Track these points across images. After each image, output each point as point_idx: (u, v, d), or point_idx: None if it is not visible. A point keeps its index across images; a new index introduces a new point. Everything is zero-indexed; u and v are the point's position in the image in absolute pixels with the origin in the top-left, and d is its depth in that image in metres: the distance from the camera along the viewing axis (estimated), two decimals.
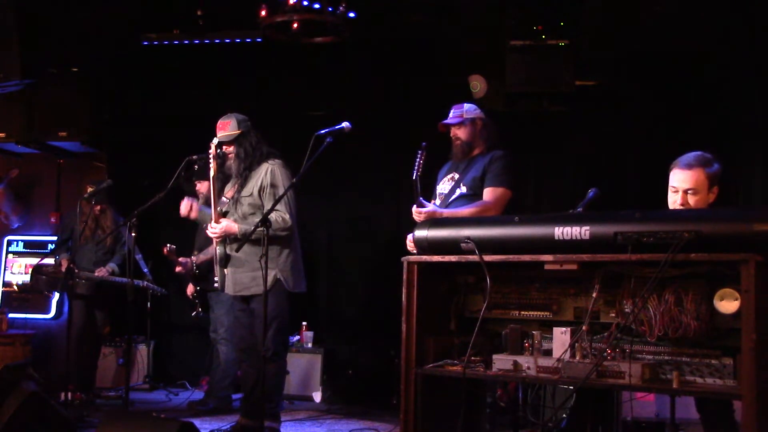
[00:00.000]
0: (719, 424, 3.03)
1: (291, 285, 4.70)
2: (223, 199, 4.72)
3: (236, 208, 4.70)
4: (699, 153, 3.28)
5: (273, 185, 4.63)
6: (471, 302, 3.11)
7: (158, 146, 7.06)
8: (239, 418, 4.82)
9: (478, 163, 4.34)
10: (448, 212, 4.18)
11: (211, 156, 4.57)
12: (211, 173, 4.57)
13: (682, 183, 3.22)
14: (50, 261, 6.32)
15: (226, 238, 4.63)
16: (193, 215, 4.74)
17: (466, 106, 4.49)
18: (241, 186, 4.70)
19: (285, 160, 4.78)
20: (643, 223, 2.54)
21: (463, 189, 4.32)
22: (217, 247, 4.63)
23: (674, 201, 3.25)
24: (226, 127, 4.71)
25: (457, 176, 4.39)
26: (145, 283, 6.21)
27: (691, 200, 3.21)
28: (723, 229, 2.43)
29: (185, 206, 4.73)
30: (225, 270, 4.67)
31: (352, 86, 6.63)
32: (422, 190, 4.22)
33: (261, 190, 4.66)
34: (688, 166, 3.22)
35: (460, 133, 4.43)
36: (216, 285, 4.76)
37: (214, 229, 4.55)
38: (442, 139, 4.52)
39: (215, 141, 4.60)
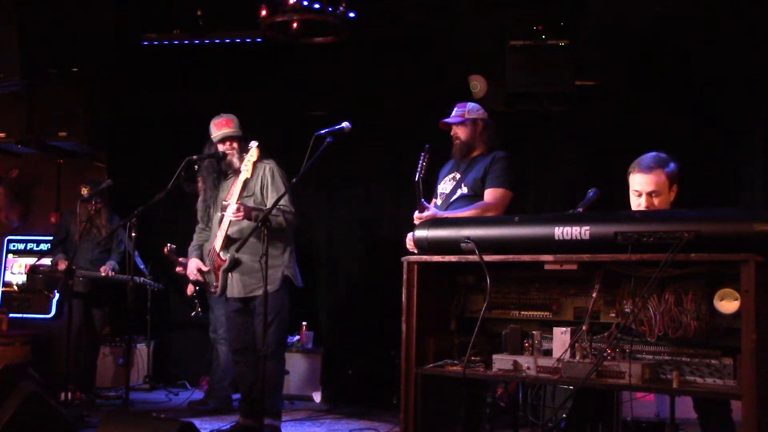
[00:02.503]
0: (717, 424, 3.03)
1: (297, 280, 4.79)
2: (224, 203, 4.72)
3: None
4: (655, 154, 3.30)
5: (274, 183, 4.65)
6: (471, 302, 3.11)
7: (158, 146, 7.06)
8: (239, 419, 4.82)
9: (480, 163, 4.34)
10: (449, 215, 4.18)
11: (252, 154, 4.48)
12: (245, 172, 4.49)
13: (645, 186, 3.24)
14: (47, 261, 6.33)
15: (229, 243, 4.63)
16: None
17: (470, 105, 4.48)
18: (245, 186, 4.71)
19: (282, 160, 4.82)
20: (643, 223, 2.54)
21: (465, 189, 4.32)
22: (220, 253, 4.64)
23: (638, 204, 3.27)
24: (231, 125, 4.76)
25: (458, 176, 4.39)
26: (142, 279, 6.22)
27: (656, 201, 3.24)
28: (723, 229, 2.43)
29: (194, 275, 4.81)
30: (230, 274, 4.67)
31: (352, 86, 6.63)
32: (424, 191, 4.22)
33: (262, 188, 4.69)
34: (649, 169, 3.24)
35: (460, 133, 4.43)
36: (213, 290, 4.75)
37: (234, 210, 4.49)
38: (444, 139, 4.52)
39: (255, 144, 4.54)
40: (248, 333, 4.72)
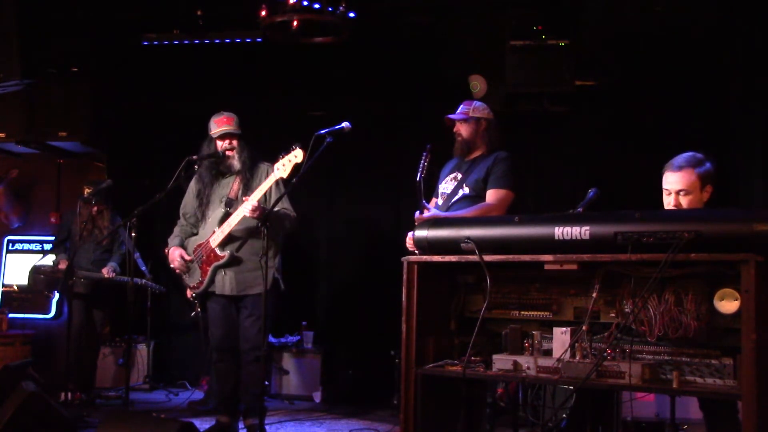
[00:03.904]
0: (723, 423, 3.03)
1: (282, 284, 4.79)
2: (229, 198, 4.72)
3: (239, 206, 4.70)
4: (690, 154, 3.34)
5: (278, 186, 4.67)
6: (471, 302, 3.11)
7: (158, 146, 7.06)
8: (219, 417, 4.80)
9: (482, 164, 4.33)
10: (450, 215, 4.18)
11: (297, 155, 4.36)
12: (281, 171, 4.41)
13: (674, 185, 3.29)
14: (48, 261, 6.32)
15: (229, 241, 4.63)
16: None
17: (476, 103, 4.48)
18: (246, 186, 4.72)
19: None
20: (643, 223, 2.54)
21: (466, 190, 4.31)
22: (217, 249, 4.64)
23: (668, 203, 3.32)
24: (231, 122, 4.77)
25: (460, 176, 4.38)
26: (144, 281, 6.22)
27: (684, 201, 3.28)
28: (723, 229, 2.43)
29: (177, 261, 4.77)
30: (223, 271, 4.67)
31: (352, 86, 6.63)
32: (425, 191, 4.22)
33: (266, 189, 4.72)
34: (679, 168, 3.29)
35: (463, 130, 4.42)
36: (195, 285, 4.73)
37: (251, 207, 4.45)
38: (445, 139, 4.51)
39: (299, 145, 4.39)
40: (233, 332, 4.72)
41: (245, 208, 4.48)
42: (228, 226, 4.61)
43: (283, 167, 4.37)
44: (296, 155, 4.32)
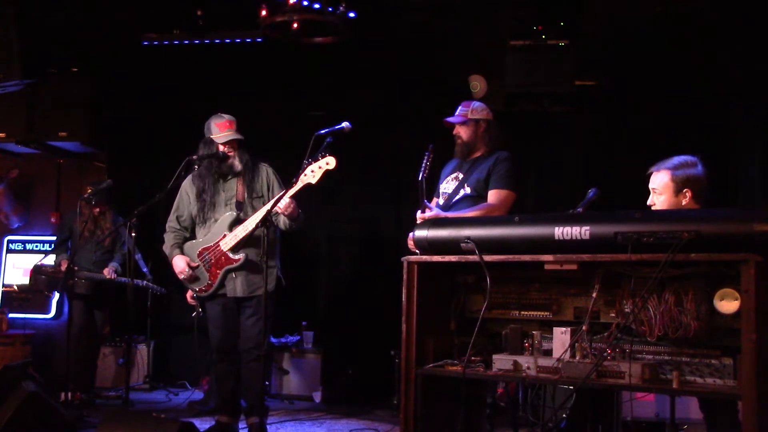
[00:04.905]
0: (723, 424, 3.03)
1: (284, 281, 4.81)
2: (238, 201, 4.73)
3: (249, 209, 4.69)
4: (681, 157, 3.37)
5: (281, 187, 4.67)
6: (471, 302, 3.11)
7: (158, 146, 7.06)
8: (219, 417, 4.81)
9: (483, 164, 4.33)
10: (452, 216, 4.18)
11: (329, 161, 4.29)
12: (310, 177, 4.33)
13: (651, 183, 3.40)
14: (50, 261, 6.32)
15: (241, 244, 4.62)
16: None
17: (474, 104, 4.47)
18: (249, 188, 4.72)
19: (282, 160, 4.84)
20: (643, 223, 2.54)
21: (467, 190, 4.32)
22: (229, 252, 4.61)
23: (649, 200, 3.42)
24: (233, 126, 4.77)
25: (461, 176, 4.38)
26: (145, 282, 6.22)
27: (657, 200, 3.36)
28: (723, 229, 2.44)
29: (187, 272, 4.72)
30: (233, 273, 4.66)
31: (352, 86, 6.63)
32: (427, 190, 4.22)
33: (269, 189, 4.73)
34: (657, 168, 3.38)
35: (462, 132, 4.43)
36: (203, 288, 4.71)
37: (290, 206, 4.43)
38: (445, 138, 4.51)
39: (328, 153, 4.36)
40: (235, 333, 4.73)
41: (267, 211, 4.37)
42: (244, 230, 4.56)
43: (312, 173, 4.30)
44: (328, 162, 4.29)
